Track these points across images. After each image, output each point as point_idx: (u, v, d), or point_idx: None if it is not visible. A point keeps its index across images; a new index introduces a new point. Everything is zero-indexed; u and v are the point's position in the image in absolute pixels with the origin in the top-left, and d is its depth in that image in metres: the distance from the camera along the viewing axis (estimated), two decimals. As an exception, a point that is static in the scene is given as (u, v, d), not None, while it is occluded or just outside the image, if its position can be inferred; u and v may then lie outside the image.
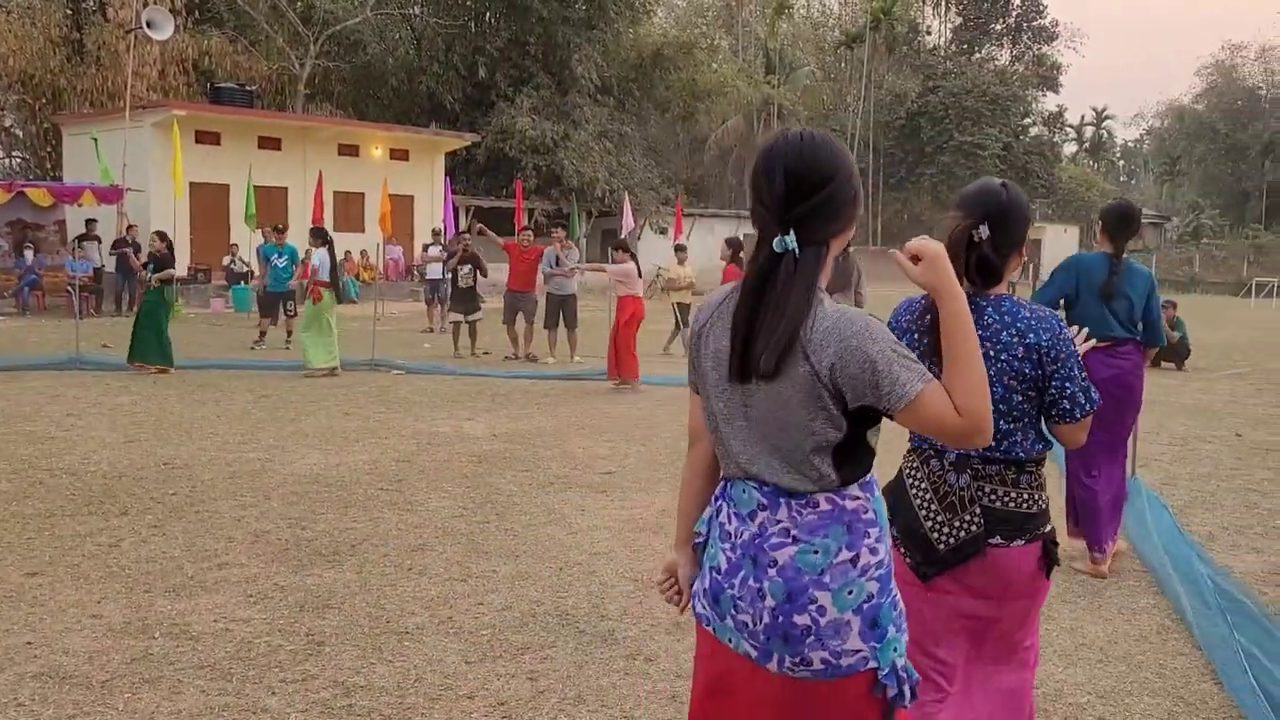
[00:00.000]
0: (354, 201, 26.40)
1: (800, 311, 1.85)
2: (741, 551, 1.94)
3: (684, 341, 14.37)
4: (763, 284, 1.89)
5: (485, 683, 3.73)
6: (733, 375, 1.93)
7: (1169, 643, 4.27)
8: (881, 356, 1.80)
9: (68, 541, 5.32)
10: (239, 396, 10.23)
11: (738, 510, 1.97)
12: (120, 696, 3.55)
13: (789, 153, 1.91)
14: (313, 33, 30.54)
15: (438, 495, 6.43)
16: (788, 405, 1.87)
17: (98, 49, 28.59)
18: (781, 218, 1.88)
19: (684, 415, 7.52)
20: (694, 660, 2.11)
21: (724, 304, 2.00)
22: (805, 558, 1.88)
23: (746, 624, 1.92)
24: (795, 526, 1.89)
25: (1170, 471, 7.65)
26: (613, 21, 33.40)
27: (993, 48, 61.06)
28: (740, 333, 1.91)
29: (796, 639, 1.87)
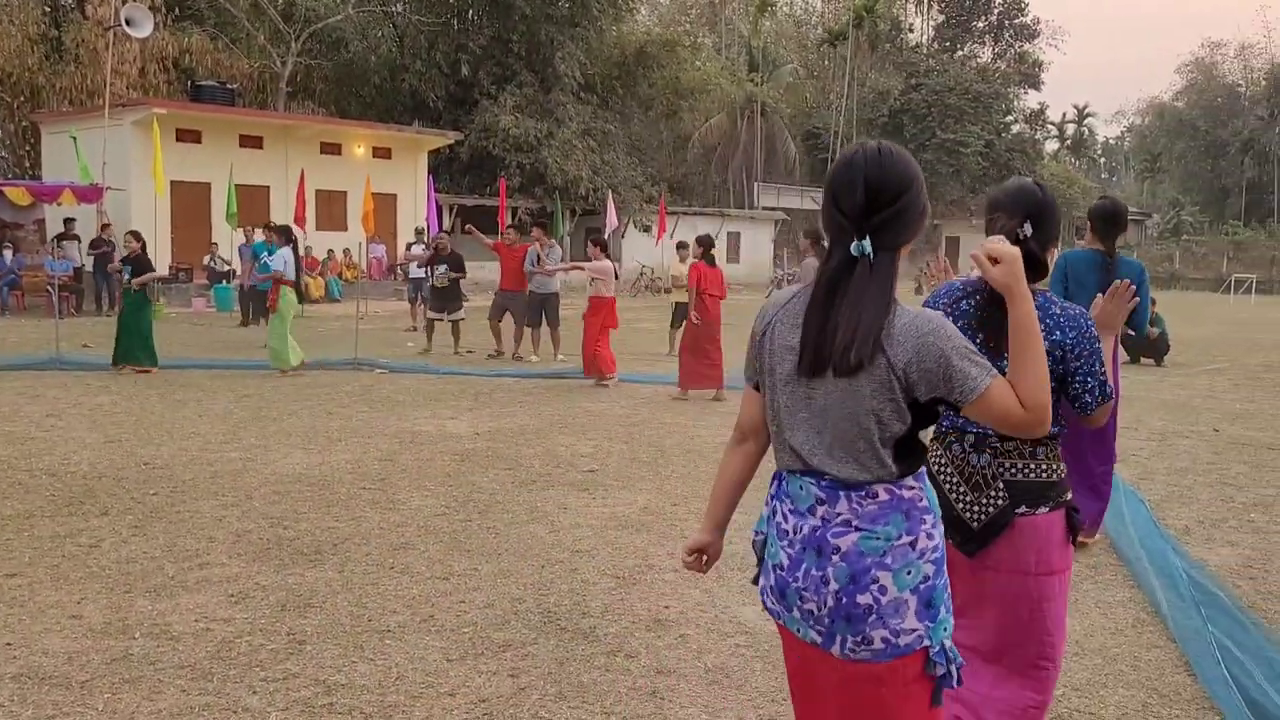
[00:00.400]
0: (336, 200, 26.30)
1: (882, 310, 2.00)
2: (802, 545, 2.08)
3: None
4: (835, 286, 2.05)
5: (466, 680, 3.74)
6: (803, 370, 2.07)
7: (1144, 635, 4.32)
8: (955, 353, 1.98)
9: (47, 542, 5.30)
10: (221, 396, 10.19)
11: (795, 507, 2.11)
12: (100, 697, 3.55)
13: (869, 165, 2.06)
14: (294, 30, 30.40)
15: (420, 494, 6.43)
16: (859, 398, 2.01)
17: (76, 47, 28.40)
18: (860, 225, 2.04)
19: (666, 414, 7.63)
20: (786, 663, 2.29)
21: (791, 303, 2.15)
22: (868, 543, 2.03)
23: (812, 611, 2.07)
24: (856, 517, 2.04)
25: (1148, 466, 7.72)
26: (596, 19, 33.36)
27: (975, 45, 61.33)
28: (814, 330, 2.06)
29: (859, 618, 2.01)
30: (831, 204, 2.10)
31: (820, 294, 2.07)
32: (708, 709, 3.56)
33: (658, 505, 6.26)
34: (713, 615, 4.43)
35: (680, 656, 3.99)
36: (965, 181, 54.08)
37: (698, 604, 4.57)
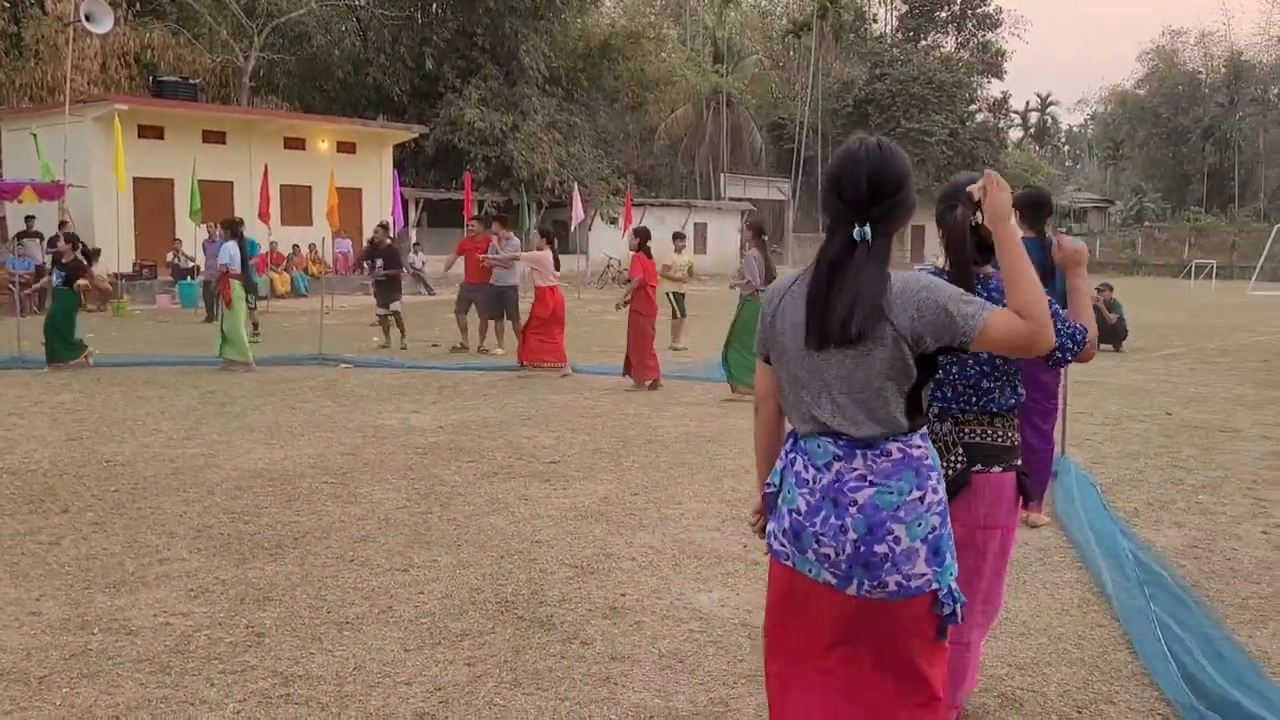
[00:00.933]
0: (301, 195, 26.15)
1: (880, 285, 2.25)
2: (820, 495, 2.31)
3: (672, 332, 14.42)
4: (836, 266, 2.30)
5: (423, 669, 3.80)
6: (811, 344, 2.32)
7: (1089, 615, 4.44)
8: (950, 300, 2.25)
9: (6, 540, 5.30)
10: (184, 393, 10.16)
11: (813, 461, 2.34)
12: (58, 692, 3.57)
13: (871, 159, 2.32)
14: (257, 25, 30.16)
15: (382, 487, 6.47)
16: (871, 362, 2.26)
17: (36, 43, 28.06)
18: (862, 213, 2.30)
19: (626, 405, 7.71)
20: (768, 589, 2.51)
21: (794, 286, 2.41)
22: (882, 497, 2.27)
23: (829, 555, 2.29)
24: (871, 473, 2.28)
25: (1100, 450, 7.88)
26: (560, 11, 33.30)
27: (938, 35, 61.67)
28: (818, 307, 2.30)
29: (876, 565, 2.26)
30: (834, 193, 2.34)
31: (823, 273, 2.31)
32: (660, 693, 3.63)
33: (617, 495, 6.33)
34: (668, 602, 4.51)
35: (635, 643, 4.06)
36: (930, 170, 54.31)
37: (654, 591, 4.64)
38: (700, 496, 6.34)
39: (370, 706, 3.49)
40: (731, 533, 5.56)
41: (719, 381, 11.22)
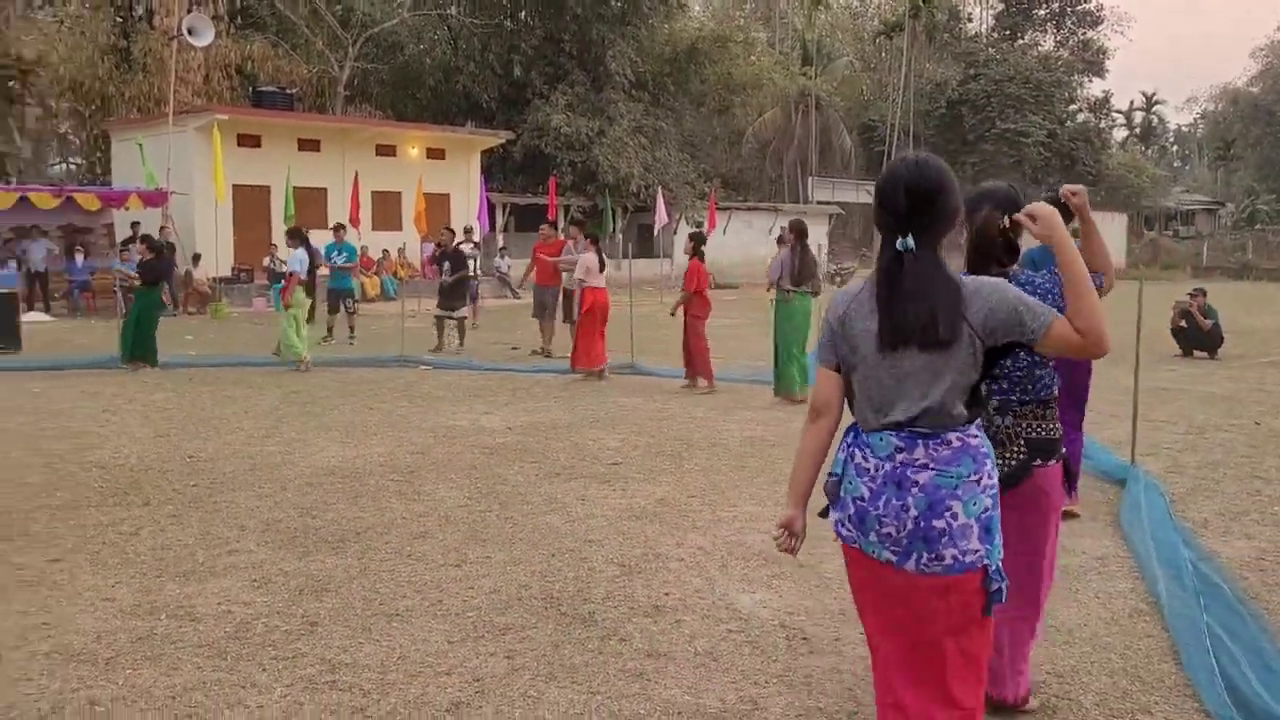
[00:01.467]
0: (391, 200, 26.79)
1: (956, 291, 2.46)
2: (883, 480, 2.51)
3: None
4: (890, 275, 2.50)
5: (464, 660, 3.92)
6: (884, 346, 2.51)
7: (1139, 625, 4.36)
8: (1019, 301, 2.47)
9: (90, 530, 5.60)
10: (269, 393, 10.54)
11: (875, 453, 2.54)
12: (122, 672, 3.79)
13: (909, 174, 2.51)
14: (351, 35, 31.00)
15: (445, 486, 6.64)
16: (945, 359, 2.46)
17: (144, 56, 29.26)
18: (904, 225, 2.48)
19: (695, 409, 7.79)
20: (851, 585, 2.75)
21: (860, 294, 2.60)
22: (942, 479, 2.48)
23: (890, 534, 2.49)
24: (932, 460, 2.49)
25: (1178, 460, 7.67)
26: (647, 17, 33.48)
27: (1036, 33, 60.20)
28: (886, 314, 2.50)
29: (934, 539, 2.45)
30: (879, 206, 2.55)
31: (881, 283, 2.52)
32: (691, 690, 3.69)
33: (674, 497, 6.39)
34: (710, 602, 4.56)
35: (672, 641, 4.13)
36: (1027, 172, 53.15)
37: (697, 591, 4.70)
38: (756, 500, 6.36)
39: (409, 694, 3.63)
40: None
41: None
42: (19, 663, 3.85)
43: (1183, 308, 14.78)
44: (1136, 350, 7.37)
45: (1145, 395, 10.71)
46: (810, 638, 4.17)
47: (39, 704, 3.52)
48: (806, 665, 3.90)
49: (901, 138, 50.39)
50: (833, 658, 3.97)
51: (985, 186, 3.29)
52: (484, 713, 3.50)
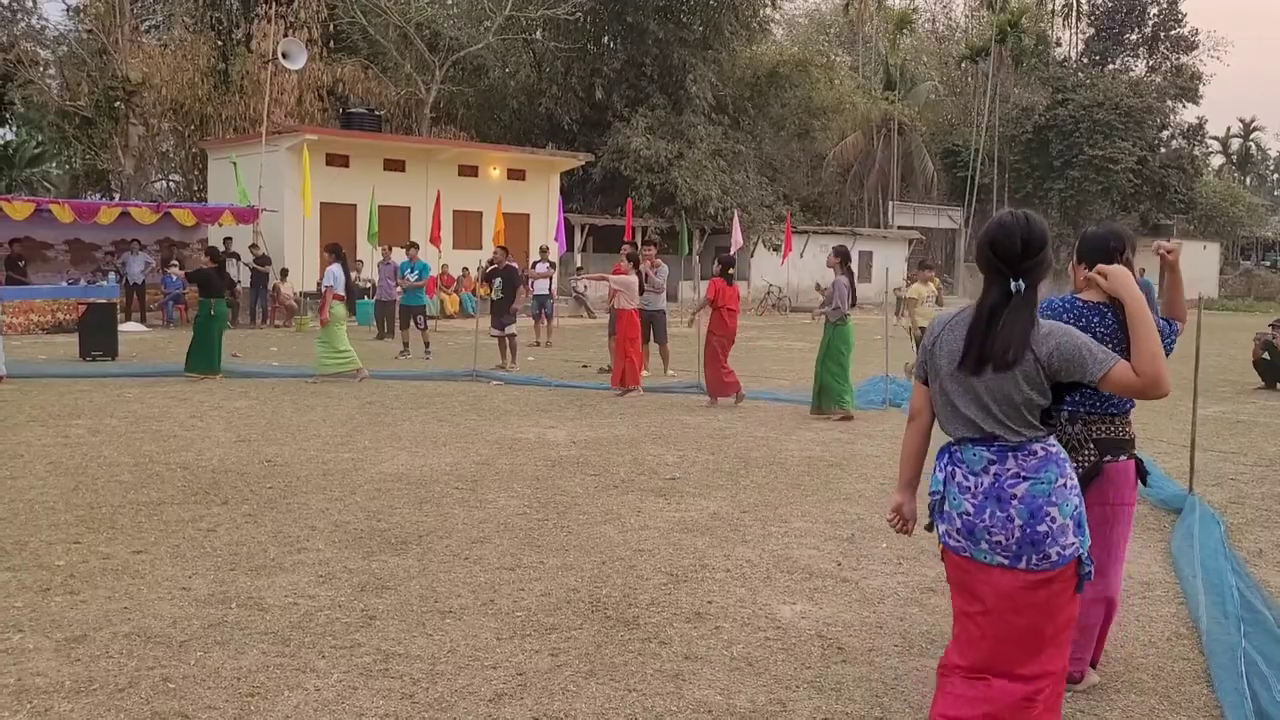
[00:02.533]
0: (472, 220, 27.40)
1: (1029, 325, 2.87)
2: (984, 496, 2.91)
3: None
4: (995, 311, 2.91)
5: (510, 656, 4.12)
6: (966, 369, 2.92)
7: (1176, 649, 4.39)
8: (1084, 346, 2.86)
9: (172, 525, 5.95)
10: (346, 403, 10.94)
11: (970, 470, 2.95)
12: (193, 654, 4.07)
13: (1021, 227, 2.93)
14: (438, 59, 31.80)
15: (506, 495, 6.88)
16: (1015, 382, 2.86)
17: (241, 78, 30.40)
18: (1015, 269, 2.91)
19: (758, 428, 8.01)
20: (949, 581, 3.14)
21: (955, 320, 3.03)
22: (1036, 488, 2.87)
23: (1000, 542, 2.89)
24: (1023, 470, 2.88)
25: (1242, 490, 7.57)
26: (728, 41, 33.74)
27: (1127, 58, 59.02)
28: (978, 341, 2.91)
29: (1040, 541, 2.86)
30: (990, 253, 2.95)
31: (983, 316, 2.92)
32: (723, 691, 3.84)
33: (727, 511, 6.54)
34: (751, 611, 4.70)
35: (710, 645, 4.28)
36: (1115, 199, 52.05)
37: (739, 600, 4.84)
38: (809, 517, 6.48)
39: (456, 684, 3.84)
40: (830, 551, 5.69)
41: (857, 409, 11.27)
42: (102, 642, 4.17)
43: (1264, 339, 14.45)
44: (1195, 382, 7.31)
45: (1220, 426, 10.59)
46: (845, 648, 4.29)
47: (117, 679, 3.82)
48: (838, 673, 4.03)
49: (986, 163, 49.81)
50: (865, 667, 4.09)
51: (1108, 227, 3.89)
52: (524, 703, 3.69)
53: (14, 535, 5.67)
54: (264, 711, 3.57)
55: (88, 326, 15.05)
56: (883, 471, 7.92)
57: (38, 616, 4.44)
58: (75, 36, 35.13)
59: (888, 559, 5.58)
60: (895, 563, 5.52)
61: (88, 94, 30.51)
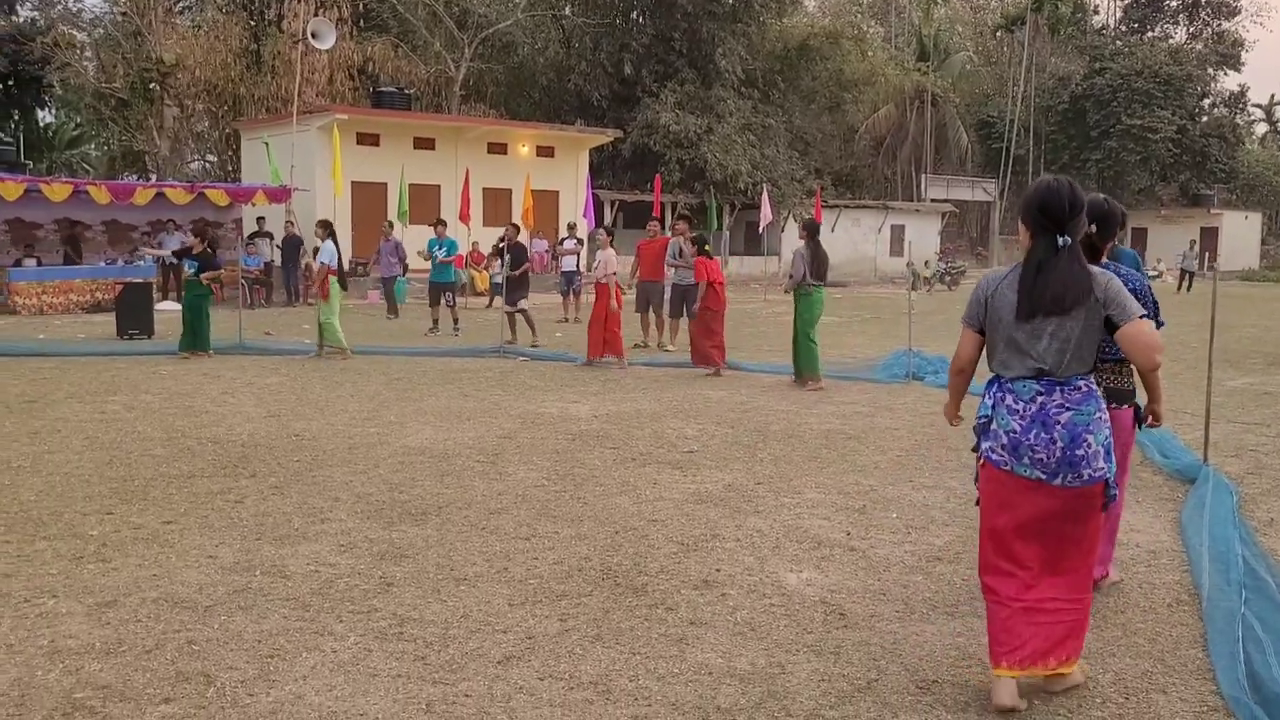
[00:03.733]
0: (502, 197, 27.52)
1: (1085, 273, 3.41)
2: (1030, 419, 3.43)
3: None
4: (1042, 263, 3.41)
5: (520, 621, 4.26)
6: (1021, 316, 3.43)
7: (1175, 615, 4.45)
8: (1125, 293, 3.43)
9: (202, 497, 6.15)
10: (374, 379, 11.13)
11: (1020, 397, 3.46)
12: (217, 618, 4.25)
13: (1064, 189, 3.45)
14: (467, 36, 31.88)
15: (526, 468, 7.02)
16: (1077, 322, 3.38)
17: (273, 59, 30.64)
18: (1061, 226, 3.41)
19: (779, 402, 8.12)
20: (982, 496, 3.64)
21: (1006, 278, 3.54)
22: (1078, 417, 3.41)
23: (1041, 460, 3.42)
24: (1068, 402, 3.42)
25: (1261, 461, 7.56)
26: (758, 14, 33.55)
27: (1167, 25, 58.01)
28: (1028, 289, 3.41)
29: (1076, 463, 3.40)
30: (1039, 212, 3.45)
31: (1031, 268, 3.43)
32: (725, 655, 3.96)
33: (741, 483, 6.65)
34: (758, 579, 4.81)
35: (715, 611, 4.40)
36: (1154, 169, 51.37)
37: (747, 569, 4.95)
38: (822, 488, 6.57)
39: (467, 647, 3.99)
40: (840, 521, 5.79)
41: (881, 383, 11.33)
42: (131, 607, 4.35)
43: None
44: (1210, 354, 7.31)
45: (1247, 398, 10.53)
46: (847, 614, 4.39)
47: (144, 641, 4.00)
48: (838, 637, 4.13)
49: (1021, 134, 49.23)
50: (865, 632, 4.19)
51: (1093, 198, 4.09)
52: (531, 665, 3.83)
53: (51, 506, 5.89)
54: (282, 672, 3.74)
55: (124, 306, 15.37)
56: (900, 444, 7.98)
57: (71, 583, 4.64)
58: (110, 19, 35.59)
59: (897, 528, 5.67)
60: (904, 531, 5.60)
61: (123, 76, 30.91)
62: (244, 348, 13.64)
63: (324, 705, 3.48)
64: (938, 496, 6.38)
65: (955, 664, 3.90)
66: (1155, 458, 7.42)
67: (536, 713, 3.46)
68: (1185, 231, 43.94)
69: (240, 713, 3.42)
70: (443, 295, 16.66)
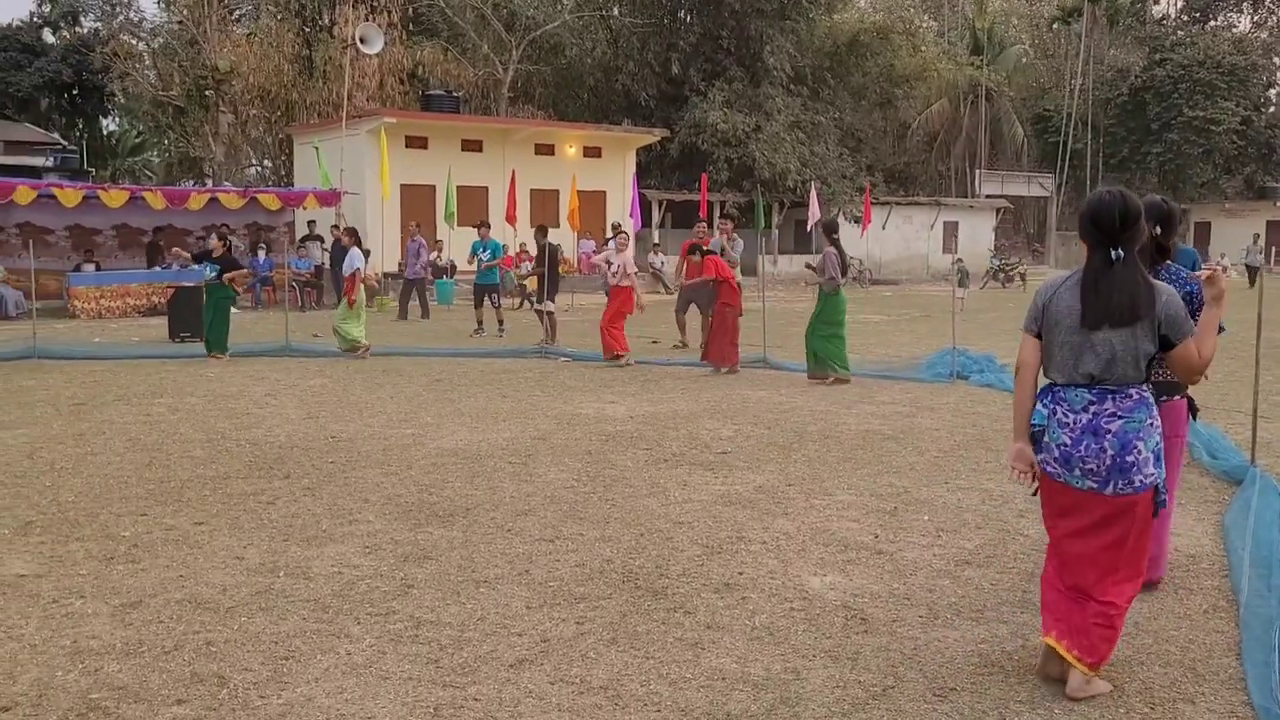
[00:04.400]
0: (549, 198, 27.62)
1: (1145, 285, 3.45)
2: (1081, 430, 3.51)
3: None
4: (1098, 275, 3.47)
5: (537, 624, 4.24)
6: (1086, 324, 3.49)
7: (1211, 622, 4.30)
8: (1184, 311, 3.49)
9: (235, 498, 6.22)
10: (415, 380, 11.21)
11: (1071, 408, 3.54)
12: (237, 619, 4.28)
13: (1117, 203, 3.46)
14: (515, 39, 32.05)
15: (557, 469, 7.01)
16: (1133, 335, 3.44)
17: (324, 64, 31.08)
18: (1115, 239, 3.45)
19: (819, 402, 8.06)
20: (1043, 503, 3.74)
21: (1064, 285, 3.59)
22: (1129, 425, 3.47)
23: (1092, 470, 3.50)
24: (1119, 410, 3.48)
25: (1314, 461, 7.32)
26: (806, 11, 33.29)
27: (1230, 14, 56.57)
28: (1091, 299, 3.47)
29: (1127, 470, 3.47)
30: (1092, 225, 3.49)
31: (1090, 279, 3.48)
32: (740, 660, 3.90)
33: (773, 484, 6.57)
34: (780, 582, 4.74)
35: (734, 615, 4.34)
36: (1218, 162, 50.14)
37: (770, 572, 4.89)
38: (854, 490, 6.48)
39: (481, 651, 3.97)
40: (869, 524, 5.70)
41: (924, 382, 11.17)
42: (154, 608, 4.40)
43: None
44: (1257, 351, 7.09)
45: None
46: (868, 618, 4.31)
47: (164, 642, 4.04)
48: (857, 643, 4.05)
49: (1079, 128, 48.31)
50: (885, 638, 4.11)
51: (1150, 200, 4.16)
52: (543, 669, 3.81)
53: (87, 508, 5.99)
54: (295, 673, 3.75)
55: (176, 309, 15.65)
56: (939, 445, 7.85)
57: (100, 584, 4.71)
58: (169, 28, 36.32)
59: (927, 531, 5.56)
60: (934, 535, 5.50)
61: (179, 84, 31.54)
62: (290, 350, 13.81)
63: (333, 708, 3.48)
64: (973, 499, 6.25)
65: (976, 671, 3.80)
66: (1203, 458, 7.22)
67: (544, 718, 3.44)
68: (1250, 226, 42.87)
69: (250, 715, 3.44)
70: (487, 296, 16.74)
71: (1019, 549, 5.25)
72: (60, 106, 47.12)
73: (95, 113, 48.65)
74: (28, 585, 4.69)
